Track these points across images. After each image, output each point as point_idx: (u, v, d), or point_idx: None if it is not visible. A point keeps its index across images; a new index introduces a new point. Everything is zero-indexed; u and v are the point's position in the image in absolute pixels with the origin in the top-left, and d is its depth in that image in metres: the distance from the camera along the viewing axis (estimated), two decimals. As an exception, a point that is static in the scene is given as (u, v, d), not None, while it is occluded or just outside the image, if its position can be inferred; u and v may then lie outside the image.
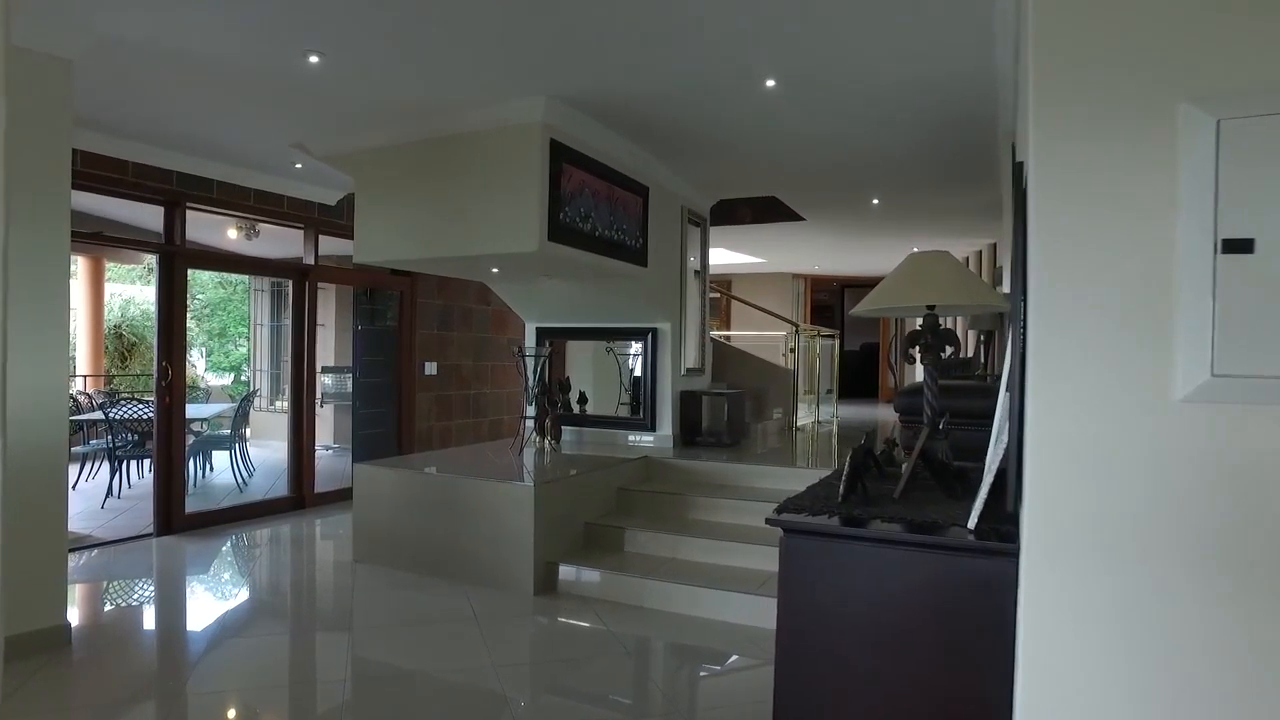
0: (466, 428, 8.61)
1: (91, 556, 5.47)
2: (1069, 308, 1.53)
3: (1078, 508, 1.52)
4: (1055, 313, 1.55)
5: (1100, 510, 1.49)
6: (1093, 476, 1.50)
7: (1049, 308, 1.56)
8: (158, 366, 5.94)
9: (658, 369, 6.48)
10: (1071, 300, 1.53)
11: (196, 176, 6.07)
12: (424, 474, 5.14)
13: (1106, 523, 1.49)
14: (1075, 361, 1.52)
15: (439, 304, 8.14)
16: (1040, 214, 1.56)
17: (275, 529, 6.34)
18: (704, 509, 5.24)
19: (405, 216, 5.08)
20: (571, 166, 4.88)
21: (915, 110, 4.77)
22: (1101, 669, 1.50)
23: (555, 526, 4.79)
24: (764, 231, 9.35)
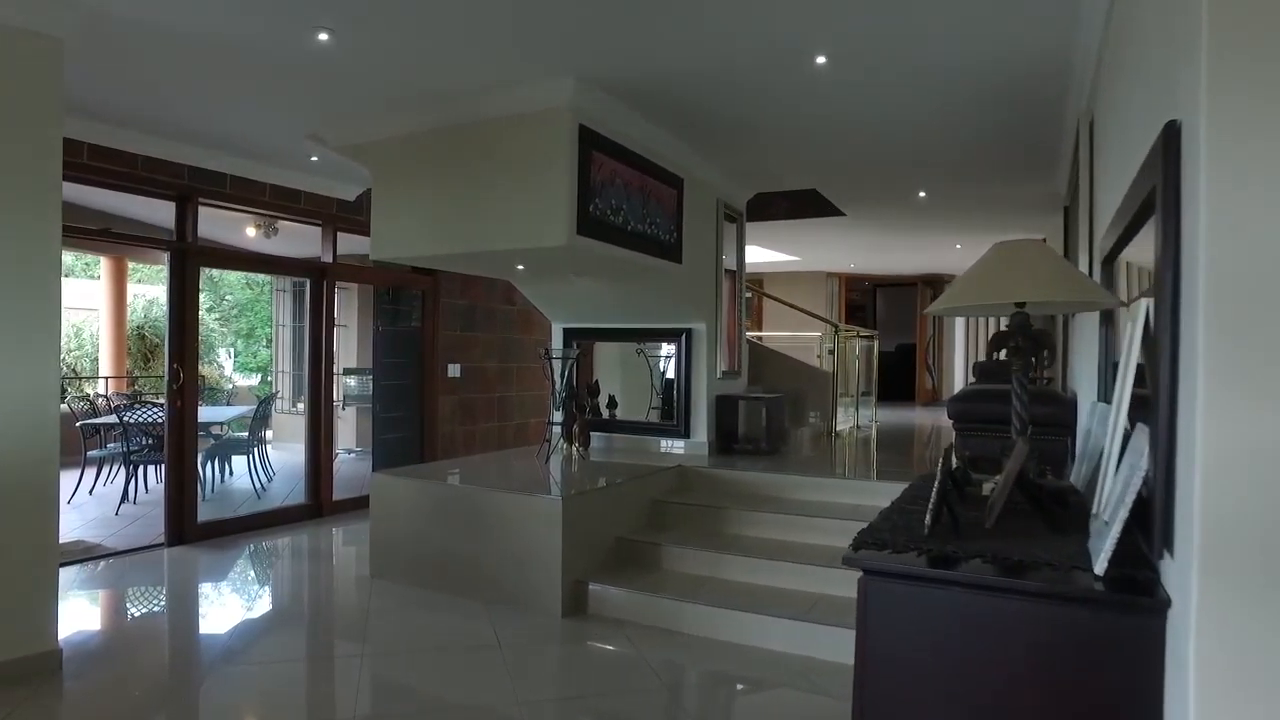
0: (491, 432, 8.30)
1: (98, 570, 5.21)
2: (1263, 303, 1.17)
3: (1267, 551, 1.16)
4: (1239, 311, 1.19)
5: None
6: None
7: (1228, 305, 1.20)
8: (169, 368, 5.67)
9: (692, 372, 6.12)
10: (1267, 294, 1.17)
11: (209, 171, 5.80)
12: (445, 484, 4.82)
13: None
14: (1267, 369, 1.16)
15: (463, 304, 7.84)
16: (1219, 193, 1.20)
17: (290, 539, 6.06)
18: (745, 524, 4.87)
19: (424, 210, 4.76)
20: (602, 154, 4.53)
21: (976, 92, 4.37)
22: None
23: (585, 542, 4.44)
24: (800, 228, 8.95)
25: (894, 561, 1.85)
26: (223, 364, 19.61)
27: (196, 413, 5.81)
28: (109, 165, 5.25)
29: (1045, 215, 7.61)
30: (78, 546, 5.79)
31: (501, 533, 4.46)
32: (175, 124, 5.13)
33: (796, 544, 4.60)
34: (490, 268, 5.47)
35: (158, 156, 5.48)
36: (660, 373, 6.58)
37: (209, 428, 7.94)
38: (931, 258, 11.49)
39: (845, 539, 4.56)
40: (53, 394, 3.50)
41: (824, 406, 7.98)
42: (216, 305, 20.81)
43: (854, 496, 5.04)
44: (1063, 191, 6.11)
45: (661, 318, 6.11)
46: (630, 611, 4.22)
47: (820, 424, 7.89)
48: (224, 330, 20.97)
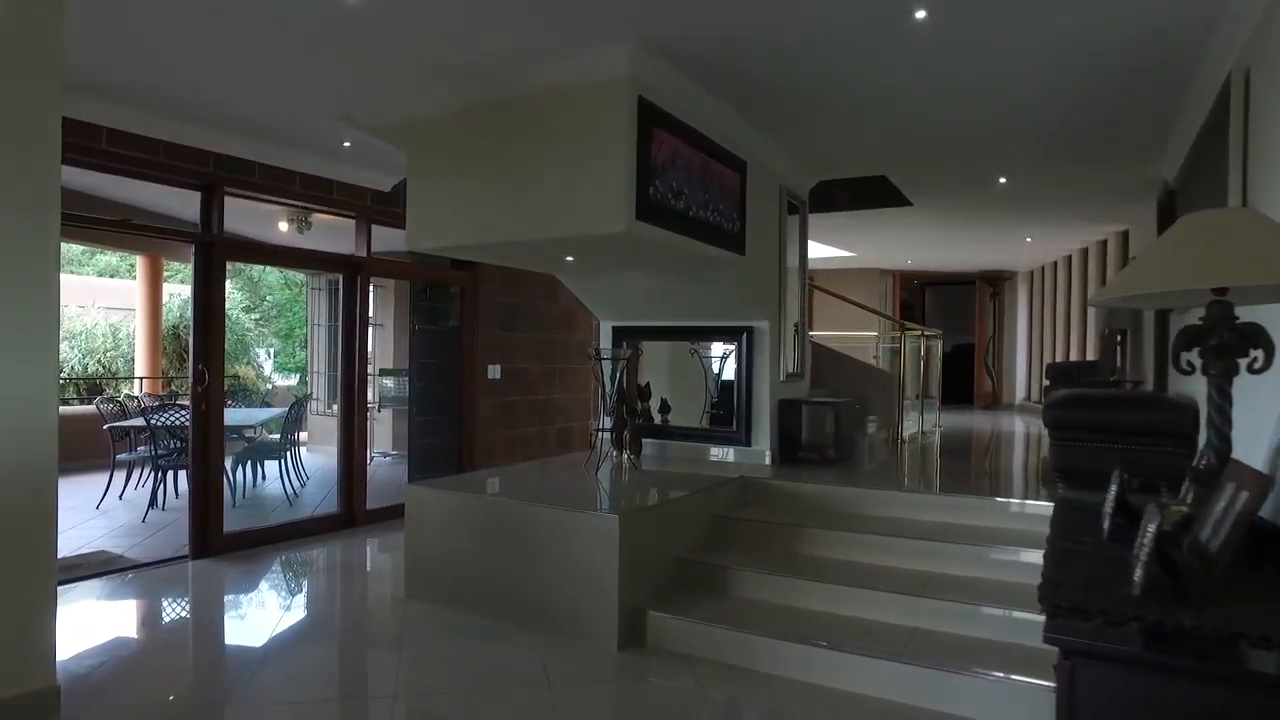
0: (532, 437, 7.86)
1: (116, 585, 4.85)
2: None
3: None
4: None
5: None
6: None
7: None
8: (193, 369, 5.30)
9: (754, 374, 5.61)
10: None
11: (235, 158, 5.43)
12: (486, 498, 4.37)
13: None
14: None
15: (504, 301, 7.41)
16: None
17: (320, 553, 5.66)
18: (819, 543, 4.36)
19: (465, 196, 4.32)
20: (663, 131, 4.05)
21: (1098, 55, 3.82)
22: None
23: (642, 564, 3.96)
24: (860, 221, 8.40)
25: (1111, 643, 1.35)
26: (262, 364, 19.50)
27: (222, 416, 5.44)
28: (129, 151, 4.89)
29: (1134, 204, 6.99)
30: (98, 558, 5.45)
31: (549, 553, 4.00)
32: (197, 105, 4.75)
33: (881, 568, 4.08)
34: (536, 260, 5.02)
35: (181, 142, 5.11)
36: (715, 375, 6.09)
37: (241, 431, 7.61)
38: (996, 252, 10.84)
39: (938, 563, 4.06)
40: (50, 399, 3.10)
41: (887, 411, 7.42)
42: (257, 305, 20.74)
43: (942, 514, 4.51)
44: (1170, 176, 5.50)
45: (720, 315, 5.62)
46: (695, 644, 3.74)
47: (883, 430, 7.33)
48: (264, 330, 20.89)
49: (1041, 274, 12.01)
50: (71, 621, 4.13)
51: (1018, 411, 12.32)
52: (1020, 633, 3.40)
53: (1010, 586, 3.73)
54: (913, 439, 7.69)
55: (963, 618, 3.56)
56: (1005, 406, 12.85)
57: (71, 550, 5.66)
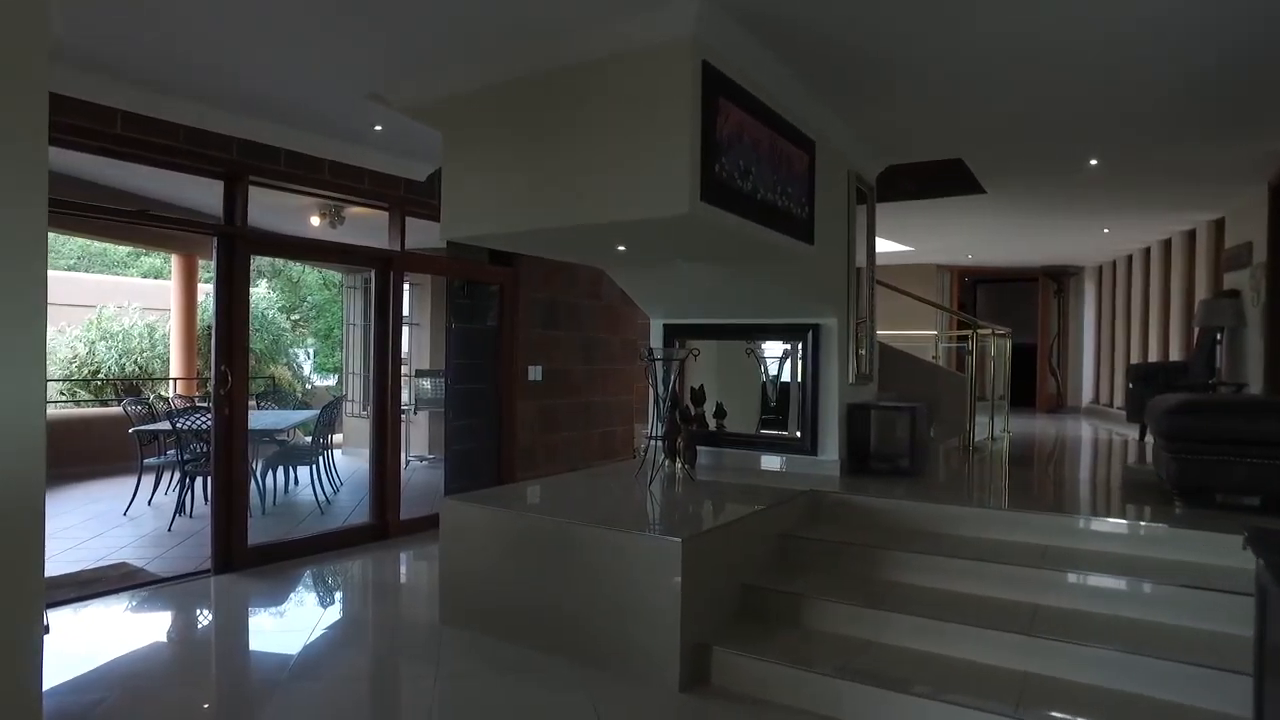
0: (574, 442, 7.43)
1: (131, 603, 4.49)
2: None
3: None
4: None
5: None
6: None
7: None
8: (215, 371, 4.94)
9: (821, 376, 5.11)
10: None
11: (260, 144, 5.05)
12: (529, 515, 3.92)
13: None
14: None
15: (544, 298, 6.99)
16: None
17: (350, 568, 5.27)
18: (902, 568, 3.85)
19: (506, 179, 3.89)
20: (729, 102, 3.57)
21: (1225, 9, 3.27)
22: None
23: (706, 592, 3.49)
24: (922, 211, 7.84)
25: None
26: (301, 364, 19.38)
27: (246, 421, 5.07)
28: (145, 136, 4.53)
29: (1234, 188, 6.35)
30: (117, 571, 5.12)
31: (601, 578, 3.54)
32: (217, 84, 4.37)
33: (976, 598, 3.57)
34: (584, 250, 4.56)
35: (201, 127, 4.75)
36: (773, 377, 5.59)
37: (273, 434, 7.28)
38: (1066, 246, 10.17)
39: (1041, 592, 3.40)
40: (37, 406, 2.70)
41: (957, 415, 6.86)
42: (297, 305, 20.64)
43: (1038, 534, 3.97)
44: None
45: (783, 311, 5.12)
46: (769, 687, 3.26)
47: (950, 436, 6.78)
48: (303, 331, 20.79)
49: (1113, 268, 11.28)
50: (79, 646, 3.77)
51: (1085, 415, 11.63)
52: (1153, 682, 2.89)
53: (1133, 625, 3.21)
54: (983, 446, 7.12)
55: (1083, 663, 3.04)
56: (1070, 410, 12.15)
57: (93, 561, 5.36)
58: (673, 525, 3.91)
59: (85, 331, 12.74)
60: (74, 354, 12.45)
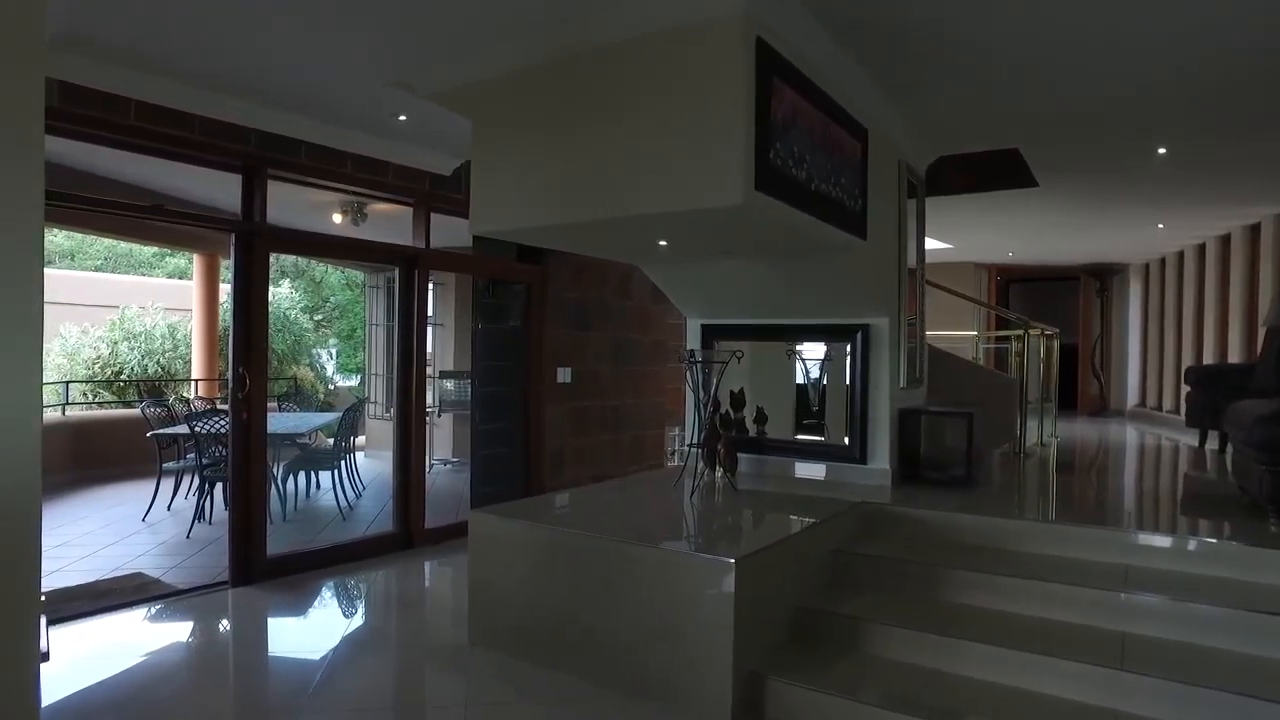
0: (604, 447, 7.16)
1: (144, 616, 4.28)
2: None
3: None
4: None
5: None
6: None
7: None
8: (233, 373, 4.71)
9: (870, 379, 4.80)
10: None
11: (280, 136, 4.82)
12: (564, 530, 3.65)
13: None
14: None
15: (573, 298, 6.73)
16: None
17: (373, 581, 5.03)
18: (967, 588, 3.54)
19: (540, 168, 3.62)
20: (783, 84, 3.28)
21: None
22: None
23: (758, 615, 3.21)
24: (968, 206, 7.50)
25: None
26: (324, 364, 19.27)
27: (265, 426, 4.85)
28: (159, 127, 4.31)
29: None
30: (132, 582, 4.92)
31: (646, 600, 3.27)
32: (234, 71, 4.14)
33: (1053, 624, 3.26)
34: (623, 245, 4.28)
35: (218, 118, 4.52)
36: (815, 380, 5.29)
37: (294, 438, 7.06)
38: (1116, 241, 9.73)
39: (1127, 620, 3.01)
40: (32, 411, 2.47)
41: (1006, 420, 6.51)
42: (320, 306, 20.53)
43: (1115, 553, 3.65)
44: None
45: (832, 311, 4.82)
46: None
47: (1004, 442, 6.44)
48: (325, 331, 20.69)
49: (1161, 266, 10.83)
50: (87, 663, 3.55)
51: (1130, 419, 11.19)
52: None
53: (1247, 664, 2.88)
54: (1032, 452, 6.78)
55: (1190, 706, 2.72)
56: (1114, 413, 11.71)
57: (108, 571, 5.17)
58: (723, 542, 3.63)
59: (108, 332, 12.65)
60: (97, 355, 12.36)
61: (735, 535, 3.81)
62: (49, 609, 4.27)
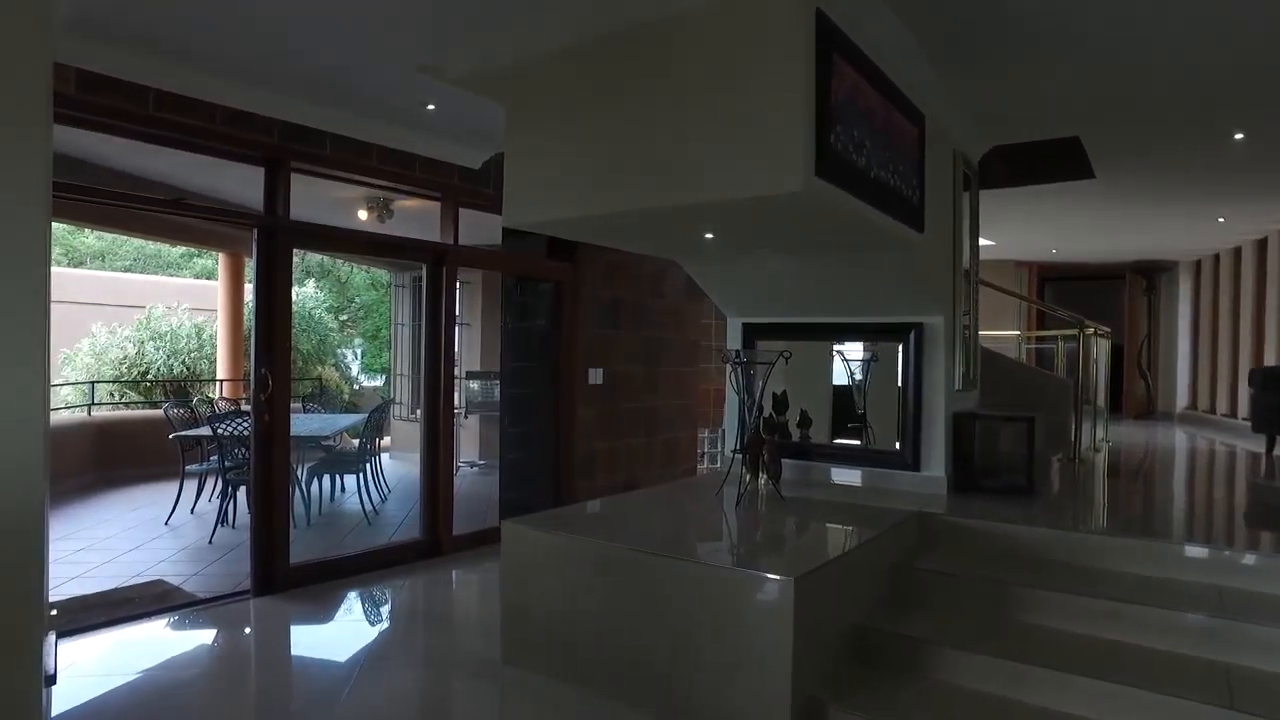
0: (636, 450, 6.92)
1: (162, 627, 4.10)
2: None
3: None
4: None
5: None
6: None
7: None
8: (254, 375, 4.52)
9: (924, 381, 4.52)
10: None
11: (304, 127, 4.63)
12: (604, 543, 3.41)
13: None
14: None
15: (604, 296, 6.49)
16: None
17: (399, 591, 4.82)
18: (1039, 608, 3.26)
19: (580, 156, 3.39)
20: (844, 61, 3.03)
21: None
22: None
23: (815, 635, 2.95)
24: (1016, 201, 7.18)
25: None
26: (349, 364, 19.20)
27: (288, 429, 4.65)
28: (179, 117, 4.12)
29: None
30: (153, 590, 4.75)
31: (694, 620, 3.02)
32: (258, 60, 3.95)
33: (1141, 651, 2.97)
34: (666, 239, 4.03)
35: (241, 108, 4.33)
36: (860, 381, 5.03)
37: (318, 440, 6.89)
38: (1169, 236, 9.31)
39: (1229, 650, 2.20)
40: (38, 419, 2.27)
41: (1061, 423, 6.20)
42: (345, 306, 20.48)
43: (1203, 572, 3.35)
44: None
45: (883, 309, 4.55)
46: (898, 759, 2.71)
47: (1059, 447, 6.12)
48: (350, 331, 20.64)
49: (1214, 263, 10.41)
50: (98, 680, 3.36)
51: (1179, 422, 10.78)
52: None
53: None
54: (1087, 457, 6.45)
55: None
56: (1161, 416, 11.30)
57: (129, 578, 5.02)
58: (777, 557, 3.38)
59: (135, 331, 12.60)
60: (124, 355, 12.30)
61: (789, 549, 3.56)
62: (64, 619, 4.11)
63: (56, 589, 4.73)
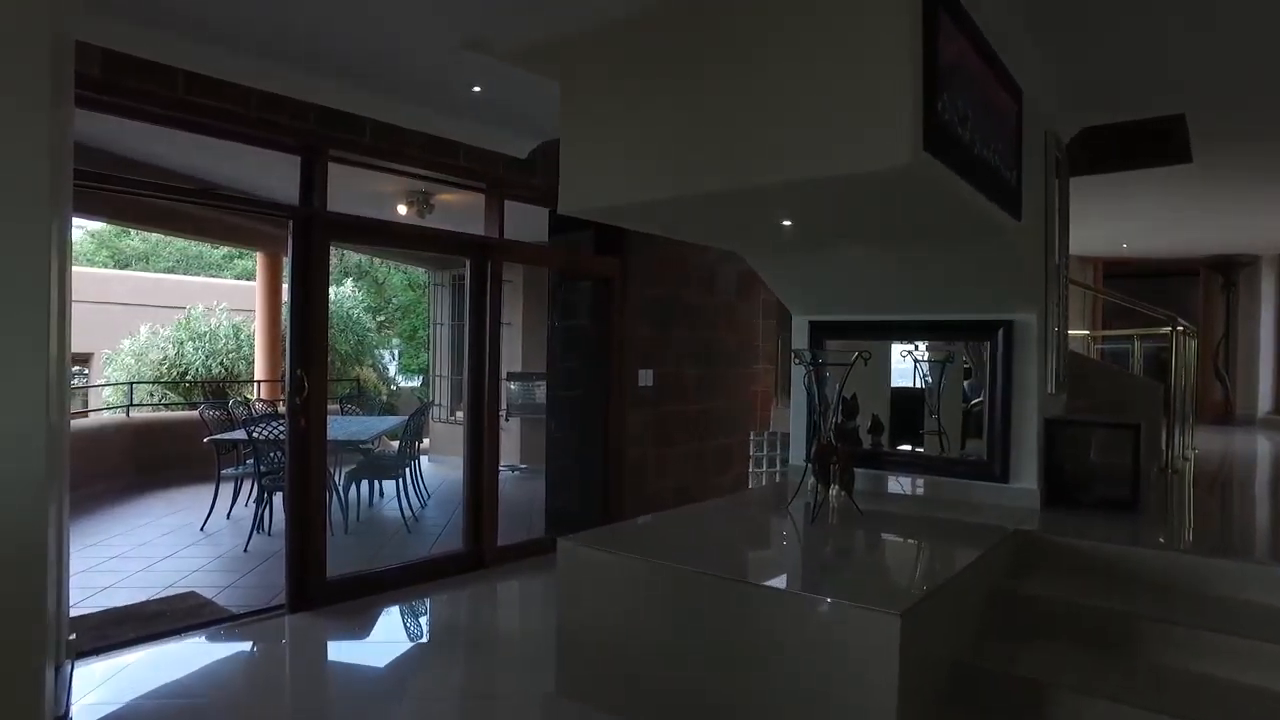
0: (689, 456, 6.57)
1: (193, 650, 3.83)
2: None
3: None
4: None
5: None
6: None
7: None
8: (289, 376, 4.25)
9: (1013, 384, 4.10)
10: None
11: (342, 114, 4.34)
12: (673, 569, 3.05)
13: None
14: None
15: (653, 293, 6.15)
16: None
17: (442, 608, 4.53)
18: (1174, 647, 2.84)
19: (646, 133, 3.04)
20: (950, 20, 2.65)
21: None
22: None
23: (920, 675, 2.57)
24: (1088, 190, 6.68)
25: None
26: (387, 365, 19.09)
27: (325, 434, 4.36)
28: (211, 101, 3.85)
29: None
30: (185, 603, 4.51)
31: (775, 656, 2.66)
32: (292, 36, 3.66)
33: None
34: (734, 226, 3.66)
35: (276, 91, 4.05)
36: (936, 383, 4.62)
37: (357, 444, 6.63)
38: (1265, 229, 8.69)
39: None
40: (38, 428, 1.99)
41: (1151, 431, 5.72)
42: (382, 307, 20.38)
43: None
44: None
45: (968, 305, 4.14)
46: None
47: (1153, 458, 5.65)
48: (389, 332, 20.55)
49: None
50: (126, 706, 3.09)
51: (1262, 427, 10.15)
52: None
53: None
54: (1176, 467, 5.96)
55: None
56: (1241, 421, 10.66)
57: (162, 588, 4.80)
58: (874, 586, 3.00)
59: (175, 331, 12.53)
60: (164, 355, 12.23)
61: (883, 574, 3.18)
62: (92, 635, 3.86)
63: (88, 600, 4.51)
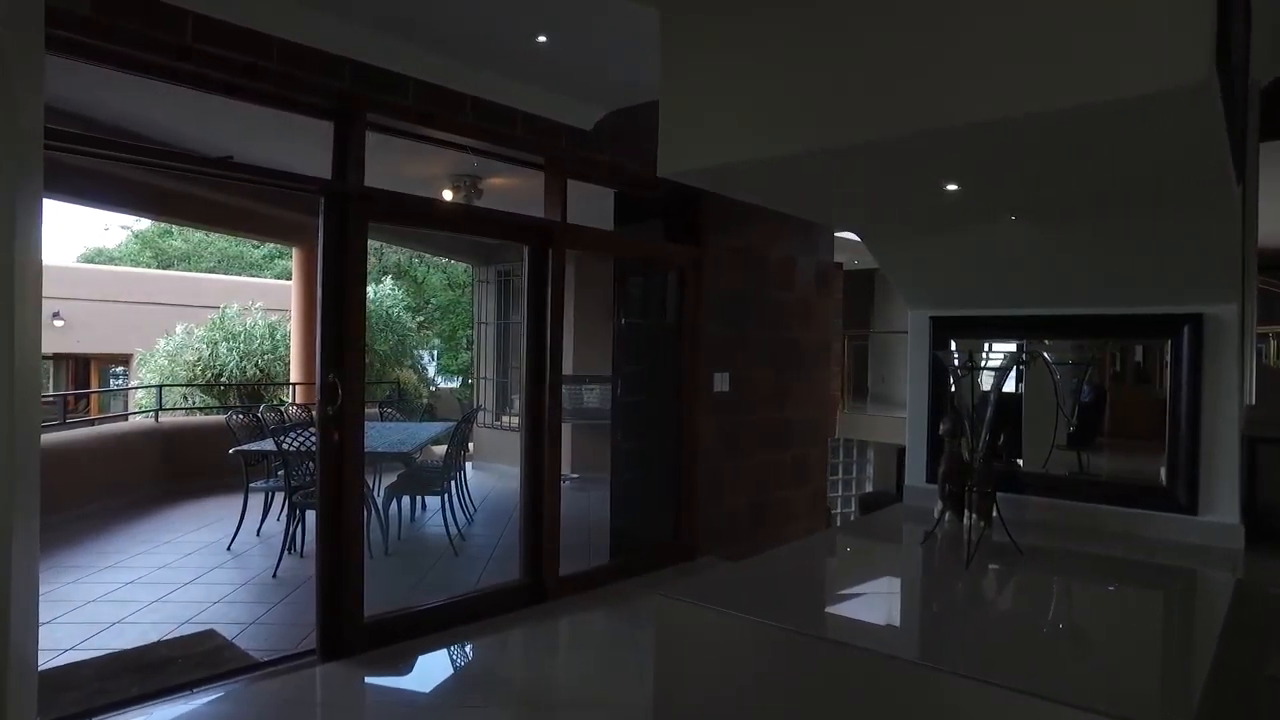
0: (765, 468, 5.85)
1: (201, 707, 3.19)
2: None
3: None
4: None
5: None
6: None
7: None
8: (320, 381, 3.59)
9: (1204, 393, 3.32)
10: None
11: (381, 70, 3.68)
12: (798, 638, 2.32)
13: None
14: None
15: (728, 289, 5.44)
16: None
17: (499, 656, 3.86)
18: None
19: (787, 68, 2.31)
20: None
21: None
22: None
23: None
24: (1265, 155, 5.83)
25: None
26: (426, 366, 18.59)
27: (361, 448, 3.70)
28: (225, 51, 3.20)
29: None
30: (201, 645, 3.90)
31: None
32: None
33: None
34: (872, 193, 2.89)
35: (303, 42, 3.40)
36: (1073, 391, 3.84)
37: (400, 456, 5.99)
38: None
39: None
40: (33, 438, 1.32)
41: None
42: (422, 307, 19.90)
43: None
44: None
45: (1140, 295, 3.36)
46: None
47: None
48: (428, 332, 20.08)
49: None
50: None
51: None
52: None
53: None
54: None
55: None
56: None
57: (178, 623, 4.22)
58: (1112, 677, 2.23)
59: (209, 331, 12.07)
60: (198, 356, 11.77)
61: (1109, 653, 2.42)
62: (87, 691, 3.25)
63: (90, 640, 3.92)
